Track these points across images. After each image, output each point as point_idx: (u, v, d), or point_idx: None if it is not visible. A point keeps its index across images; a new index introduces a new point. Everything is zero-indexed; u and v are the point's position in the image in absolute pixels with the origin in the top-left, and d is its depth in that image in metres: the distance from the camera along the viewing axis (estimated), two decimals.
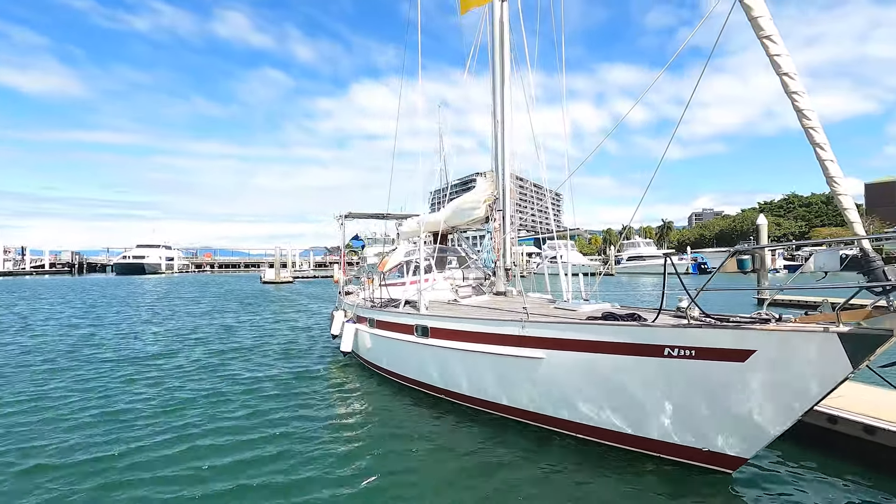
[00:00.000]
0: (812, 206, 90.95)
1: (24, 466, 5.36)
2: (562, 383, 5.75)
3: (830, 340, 3.86)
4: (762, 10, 4.31)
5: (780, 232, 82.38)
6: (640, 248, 65.06)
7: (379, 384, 8.80)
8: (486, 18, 9.48)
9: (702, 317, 4.72)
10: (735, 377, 4.42)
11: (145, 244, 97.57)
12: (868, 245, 3.95)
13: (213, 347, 12.89)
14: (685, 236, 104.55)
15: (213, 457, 5.59)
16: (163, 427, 6.59)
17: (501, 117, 9.32)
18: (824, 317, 4.16)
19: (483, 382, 6.73)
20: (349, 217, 14.96)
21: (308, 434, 6.32)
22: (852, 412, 5.30)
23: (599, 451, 5.52)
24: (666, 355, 4.74)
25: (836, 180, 4.17)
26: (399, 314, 8.30)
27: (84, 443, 6.08)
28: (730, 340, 4.37)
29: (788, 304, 18.49)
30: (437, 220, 10.83)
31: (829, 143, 4.13)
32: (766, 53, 4.28)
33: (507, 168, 9.40)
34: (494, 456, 5.59)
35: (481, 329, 6.58)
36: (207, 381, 9.16)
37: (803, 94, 4.17)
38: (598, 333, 5.26)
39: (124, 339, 14.25)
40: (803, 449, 5.39)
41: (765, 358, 4.22)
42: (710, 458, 4.87)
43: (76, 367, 10.45)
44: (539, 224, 59.56)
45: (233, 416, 7.05)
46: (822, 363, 3.95)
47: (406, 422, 6.85)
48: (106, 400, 7.95)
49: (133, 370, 10.12)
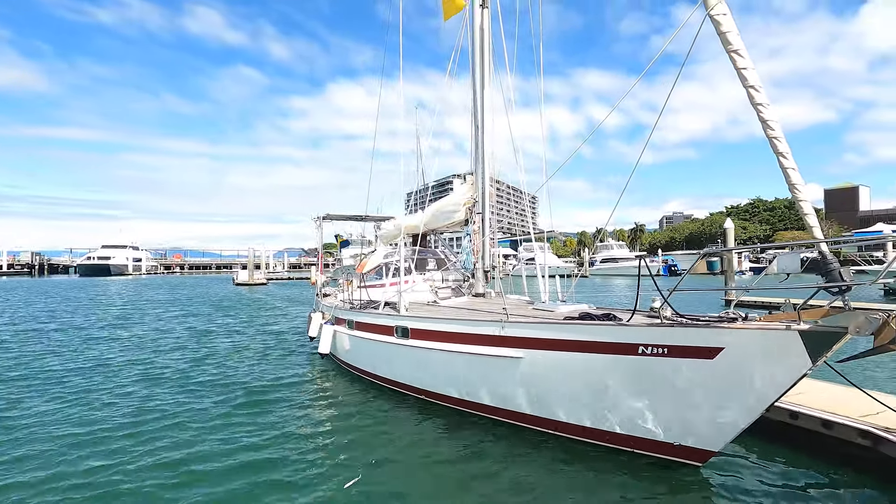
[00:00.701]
0: (776, 210, 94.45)
1: None
2: (540, 382, 5.90)
3: (792, 338, 4.10)
4: (730, 26, 4.55)
5: (746, 235, 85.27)
6: (613, 250, 66.44)
7: (358, 386, 8.80)
8: (467, 23, 9.61)
9: (674, 316, 4.93)
10: (705, 374, 4.64)
11: (111, 245, 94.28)
12: (826, 248, 4.21)
13: (183, 352, 12.57)
14: (656, 239, 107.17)
15: (187, 465, 5.45)
16: (135, 433, 6.40)
17: (481, 122, 9.45)
18: (786, 316, 4.41)
19: (463, 382, 6.82)
20: (327, 219, 14.89)
21: (286, 438, 6.27)
22: (812, 408, 5.59)
23: (575, 448, 5.67)
24: (640, 353, 4.93)
25: (797, 187, 4.43)
26: (379, 315, 8.33)
27: (45, 453, 5.82)
28: (700, 338, 4.58)
29: (754, 304, 19.25)
30: (417, 222, 10.90)
31: (791, 151, 4.39)
32: (734, 66, 4.52)
33: (486, 172, 9.54)
34: (475, 455, 5.69)
35: (462, 329, 6.67)
36: (177, 387, 8.85)
37: (767, 105, 4.42)
38: (576, 333, 5.42)
39: (82, 346, 13.75)
40: (767, 443, 5.66)
41: (732, 355, 4.44)
42: (681, 451, 5.08)
43: (28, 376, 9.97)
44: (515, 226, 60.15)
45: (206, 422, 6.88)
46: (784, 359, 4.19)
47: (386, 423, 6.88)
48: (68, 413, 7.62)
49: (96, 379, 9.74)
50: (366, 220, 15.48)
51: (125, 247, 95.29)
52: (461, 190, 10.22)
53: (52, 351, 12.54)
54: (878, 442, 4.82)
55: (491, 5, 9.63)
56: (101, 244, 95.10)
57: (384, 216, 15.71)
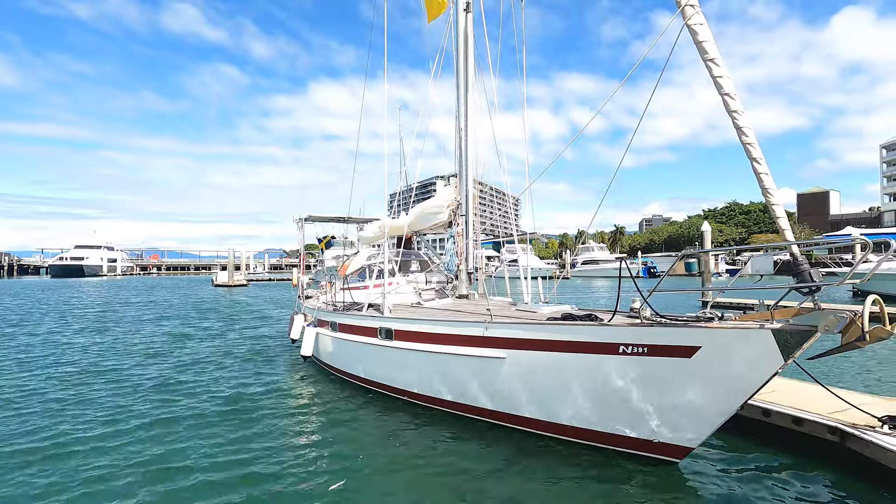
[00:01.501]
0: (751, 213, 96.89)
1: None
2: (523, 382, 5.98)
3: (765, 336, 4.26)
4: (707, 36, 4.70)
5: (723, 238, 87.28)
6: (594, 252, 67.31)
7: (341, 388, 8.77)
8: (451, 27, 9.68)
9: (653, 316, 5.06)
10: (683, 372, 4.77)
11: (85, 245, 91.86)
12: (797, 250, 4.38)
13: (158, 357, 12.32)
14: (636, 241, 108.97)
15: (164, 473, 5.30)
16: (110, 440, 6.22)
17: (465, 125, 9.53)
18: (760, 315, 4.58)
19: (447, 383, 6.87)
20: (309, 220, 14.76)
21: (268, 441, 6.20)
22: (783, 405, 5.79)
23: (556, 446, 5.77)
24: (621, 353, 5.05)
25: (769, 191, 4.60)
26: (362, 317, 8.32)
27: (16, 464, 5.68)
28: (678, 338, 4.71)
29: (730, 305, 19.72)
30: (401, 224, 10.91)
31: (764, 157, 4.56)
32: (710, 75, 4.68)
33: (470, 175, 9.62)
34: (459, 455, 5.74)
35: (446, 330, 6.72)
36: (152, 392, 8.63)
37: (742, 112, 4.58)
38: (558, 333, 5.52)
39: (49, 352, 13.33)
40: (741, 439, 5.84)
41: (709, 353, 4.58)
42: (660, 448, 5.21)
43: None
44: (498, 228, 60.49)
45: (184, 429, 6.68)
46: (757, 357, 4.35)
47: (370, 425, 6.88)
48: (34, 423, 7.42)
49: (60, 386, 9.52)
50: (348, 221, 15.38)
51: (99, 247, 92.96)
52: (445, 192, 10.28)
53: (15, 358, 12.16)
54: (846, 438, 5.02)
55: (474, 9, 9.72)
56: (75, 244, 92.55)
57: (367, 217, 15.66)
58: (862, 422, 5.12)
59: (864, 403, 5.62)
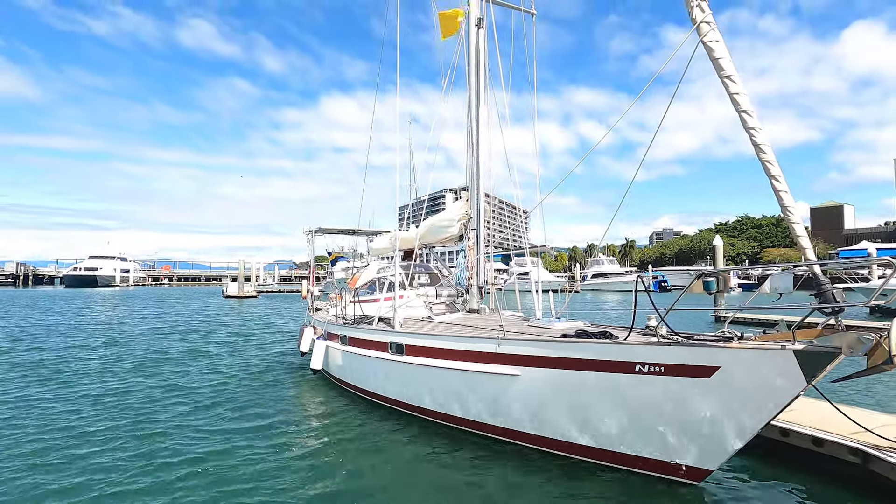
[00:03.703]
0: (763, 227, 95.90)
1: None
2: (536, 400, 5.89)
3: (787, 357, 4.15)
4: (722, 52, 4.68)
5: (735, 252, 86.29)
6: (604, 265, 66.87)
7: (351, 402, 8.70)
8: (463, 42, 9.77)
9: (670, 335, 4.97)
10: (701, 392, 4.67)
11: (98, 255, 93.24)
12: (818, 270, 4.29)
13: (168, 362, 12.43)
14: (647, 255, 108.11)
15: (174, 485, 5.30)
16: (124, 452, 6.25)
17: (476, 139, 9.56)
18: (781, 335, 4.48)
19: (459, 400, 6.79)
20: (319, 232, 14.83)
21: (277, 455, 6.17)
22: (802, 425, 5.64)
23: (572, 466, 5.66)
24: (637, 372, 4.95)
25: (789, 209, 4.52)
26: (373, 331, 8.28)
27: (41, 463, 5.76)
28: (696, 357, 4.62)
29: (744, 321, 19.38)
30: (412, 237, 10.91)
31: (783, 174, 4.50)
32: (727, 91, 4.64)
33: (481, 188, 9.62)
34: (471, 473, 5.65)
35: (457, 346, 6.66)
36: (162, 404, 8.67)
37: (760, 129, 4.54)
38: (573, 351, 5.44)
39: (63, 360, 13.50)
40: (759, 460, 5.70)
41: (728, 374, 4.48)
42: (677, 470, 5.08)
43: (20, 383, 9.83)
44: (507, 241, 60.40)
45: (193, 441, 6.72)
46: (780, 378, 4.24)
47: (380, 440, 6.81)
48: (53, 423, 7.53)
49: (74, 394, 9.59)
50: (358, 233, 15.44)
51: (113, 258, 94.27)
52: (456, 205, 10.28)
53: (30, 369, 12.27)
54: (868, 460, 4.87)
55: (486, 25, 9.81)
56: (89, 255, 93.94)
57: (376, 230, 15.71)
58: (885, 443, 4.97)
59: (886, 424, 5.46)
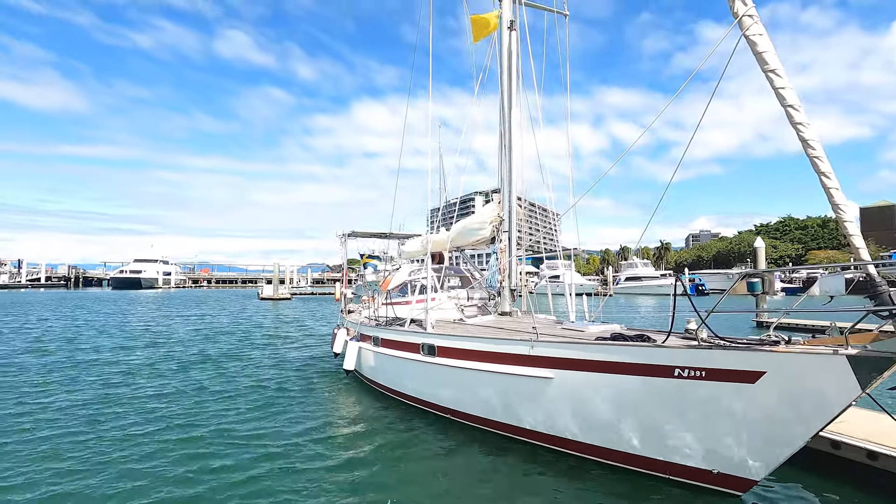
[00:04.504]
0: (808, 228, 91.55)
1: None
2: (571, 404, 5.79)
3: (839, 363, 3.94)
4: (767, 46, 4.51)
5: (777, 254, 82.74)
6: (637, 268, 65.25)
7: (383, 403, 8.78)
8: (495, 44, 9.75)
9: (711, 338, 4.80)
10: (745, 399, 4.49)
11: (143, 259, 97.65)
12: (874, 270, 4.06)
13: (208, 363, 12.85)
14: (682, 257, 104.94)
15: (206, 481, 5.43)
16: (166, 449, 6.46)
17: (509, 142, 9.52)
18: (832, 340, 4.25)
19: (491, 402, 6.75)
20: (352, 235, 15.07)
21: (312, 454, 6.27)
22: (855, 437, 5.35)
23: (607, 472, 5.53)
24: (676, 376, 4.81)
25: (841, 207, 4.31)
26: (405, 333, 8.34)
27: (91, 448, 6.06)
28: (740, 362, 4.44)
29: (788, 327, 18.54)
30: (443, 239, 10.94)
31: (833, 171, 4.29)
32: (772, 86, 4.46)
33: (513, 191, 9.56)
34: (502, 477, 5.60)
35: (490, 348, 6.63)
36: (199, 402, 8.95)
37: (808, 125, 4.34)
38: (609, 354, 5.32)
39: (109, 360, 14.11)
40: (807, 473, 5.43)
41: (775, 379, 4.29)
42: (719, 479, 4.90)
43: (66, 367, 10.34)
44: (538, 244, 59.81)
45: (229, 438, 6.89)
46: (831, 385, 4.03)
47: (412, 441, 6.83)
48: (91, 419, 7.88)
49: (114, 389, 10.00)
50: (390, 237, 15.60)
51: (156, 261, 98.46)
52: (488, 208, 10.25)
53: (80, 366, 12.92)
54: None
55: (518, 27, 9.77)
56: (134, 258, 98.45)
57: (408, 233, 15.83)
58: None
59: None
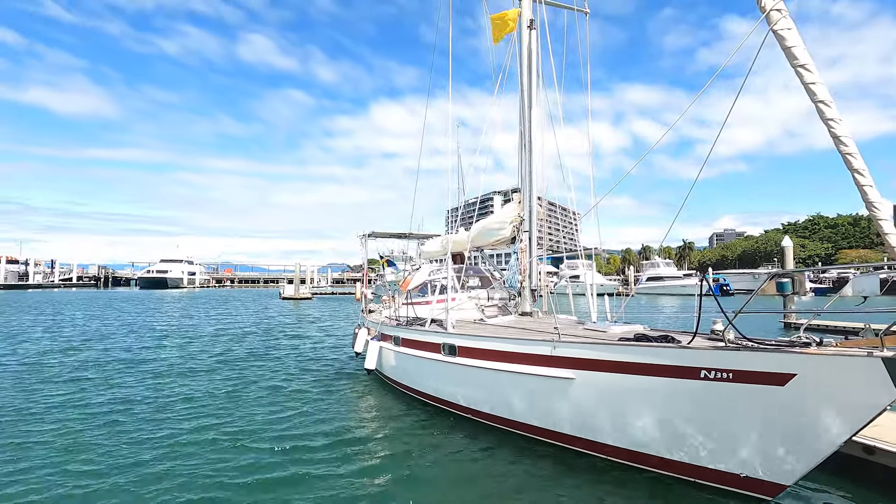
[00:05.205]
0: (838, 227, 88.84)
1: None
2: (593, 405, 5.74)
3: (874, 365, 3.83)
4: (796, 41, 4.40)
5: (806, 254, 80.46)
6: (659, 268, 64.19)
7: (404, 402, 8.84)
8: (514, 44, 9.72)
9: (739, 339, 4.71)
10: (774, 401, 4.39)
11: (169, 259, 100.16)
12: None
13: (233, 362, 13.10)
14: (706, 257, 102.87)
15: (227, 477, 5.54)
16: (184, 445, 6.60)
17: (529, 141, 9.47)
18: (867, 342, 4.13)
19: (512, 402, 6.74)
20: (372, 236, 15.20)
21: (334, 453, 6.32)
22: (890, 443, 5.17)
23: (630, 475, 5.47)
24: (702, 378, 4.73)
25: (875, 205, 4.18)
26: (426, 332, 8.38)
27: (107, 430, 6.26)
28: (769, 364, 4.35)
29: (818, 328, 18.00)
30: (463, 239, 10.95)
31: (867, 168, 4.17)
32: (802, 82, 4.36)
33: (534, 190, 9.52)
34: (525, 477, 5.58)
35: (511, 348, 6.61)
36: (229, 396, 9.19)
37: (840, 120, 4.23)
38: (633, 355, 5.26)
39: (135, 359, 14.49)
40: (839, 479, 5.27)
41: (806, 382, 4.19)
42: (747, 484, 4.80)
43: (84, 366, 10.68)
44: (558, 243, 59.31)
45: (253, 434, 7.02)
46: (865, 388, 3.92)
47: (433, 441, 6.86)
48: (108, 416, 8.11)
49: (159, 390, 10.28)
50: (409, 237, 15.67)
51: (181, 261, 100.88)
52: (508, 207, 10.22)
53: (108, 365, 13.31)
54: None
55: (538, 26, 9.72)
56: (160, 258, 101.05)
57: (427, 234, 15.89)
58: None
59: None
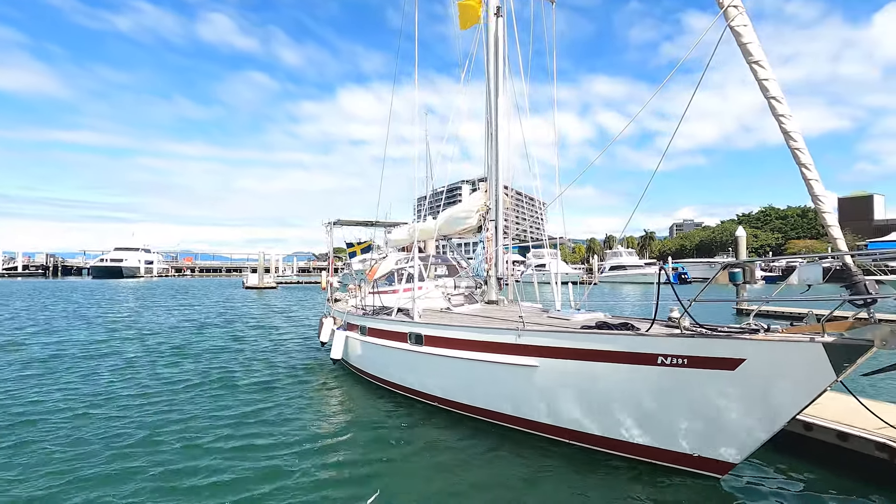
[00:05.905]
0: (788, 218, 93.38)
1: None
2: (556, 391, 5.88)
3: (816, 350, 4.06)
4: (751, 37, 4.55)
5: (758, 243, 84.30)
6: (622, 257, 66.00)
7: (370, 392, 8.81)
8: (481, 31, 9.67)
9: (693, 327, 4.90)
10: (726, 385, 4.60)
11: (124, 247, 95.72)
12: (850, 260, 4.17)
13: (195, 355, 12.67)
14: (667, 247, 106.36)
15: (191, 473, 5.34)
16: (145, 446, 6.22)
17: (495, 130, 9.49)
18: (810, 328, 4.37)
19: (477, 390, 6.82)
20: (338, 224, 14.96)
21: (298, 446, 6.20)
22: (826, 419, 5.51)
23: (591, 458, 5.65)
24: (659, 364, 4.91)
25: (820, 199, 4.40)
26: (392, 322, 8.35)
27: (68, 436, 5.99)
28: (721, 349, 4.55)
29: (768, 314, 18.99)
30: (430, 228, 10.93)
31: (813, 163, 4.37)
32: (755, 78, 4.52)
33: (500, 179, 9.56)
34: (489, 464, 5.69)
35: (477, 337, 6.68)
36: (182, 391, 8.82)
37: (790, 116, 4.41)
38: (594, 342, 5.41)
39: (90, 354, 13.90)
40: (780, 455, 5.59)
41: (754, 366, 4.41)
42: (700, 463, 5.04)
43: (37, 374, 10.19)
44: (525, 232, 60.07)
45: (213, 430, 6.73)
46: (808, 371, 4.16)
47: (399, 430, 6.88)
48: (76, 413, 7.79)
49: (93, 386, 9.87)
50: (376, 225, 15.52)
51: (137, 249, 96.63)
52: (475, 196, 10.25)
53: (52, 361, 12.70)
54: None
55: (505, 14, 9.70)
56: (114, 247, 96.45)
57: (395, 221, 15.77)
58: None
59: None
